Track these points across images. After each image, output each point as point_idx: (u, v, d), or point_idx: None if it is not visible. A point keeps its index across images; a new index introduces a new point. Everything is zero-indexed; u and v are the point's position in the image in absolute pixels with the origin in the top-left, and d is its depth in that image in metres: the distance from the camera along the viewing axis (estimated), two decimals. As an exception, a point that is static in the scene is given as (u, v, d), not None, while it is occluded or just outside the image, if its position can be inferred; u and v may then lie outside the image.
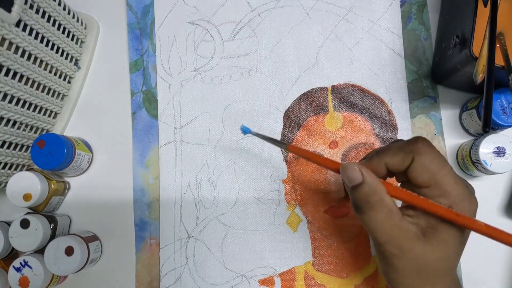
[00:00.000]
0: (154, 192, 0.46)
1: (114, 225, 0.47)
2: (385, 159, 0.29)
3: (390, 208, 0.27)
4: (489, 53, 0.32)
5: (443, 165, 0.27)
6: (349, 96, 0.46)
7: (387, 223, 0.27)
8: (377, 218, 0.27)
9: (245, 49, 0.48)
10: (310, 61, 0.47)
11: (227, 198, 0.45)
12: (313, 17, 0.47)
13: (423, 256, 0.27)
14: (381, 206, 0.27)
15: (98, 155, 0.49)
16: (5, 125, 0.41)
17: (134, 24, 0.50)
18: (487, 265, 0.43)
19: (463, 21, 0.38)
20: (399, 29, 0.46)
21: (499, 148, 0.40)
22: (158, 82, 0.48)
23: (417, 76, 0.45)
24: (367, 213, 0.28)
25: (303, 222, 0.44)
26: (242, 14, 0.48)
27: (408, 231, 0.27)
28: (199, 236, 0.45)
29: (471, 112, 0.42)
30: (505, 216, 0.43)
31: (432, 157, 0.27)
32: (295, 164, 0.45)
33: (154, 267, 0.45)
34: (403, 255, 0.27)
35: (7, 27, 0.36)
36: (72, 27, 0.47)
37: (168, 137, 0.47)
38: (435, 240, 0.27)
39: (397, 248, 0.27)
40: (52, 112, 0.48)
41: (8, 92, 0.39)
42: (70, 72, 0.49)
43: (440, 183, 0.27)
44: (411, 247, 0.27)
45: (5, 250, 0.43)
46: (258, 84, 0.47)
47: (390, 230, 0.27)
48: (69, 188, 0.48)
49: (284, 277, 0.44)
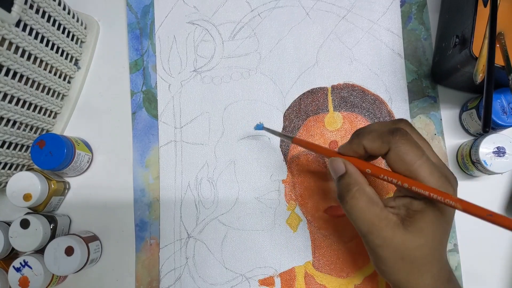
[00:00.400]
0: (154, 192, 0.46)
1: (114, 225, 0.47)
2: (363, 143, 0.30)
3: (370, 197, 0.29)
4: (489, 53, 0.32)
5: (419, 156, 0.28)
6: (349, 96, 0.46)
7: (368, 212, 0.28)
8: (358, 207, 0.29)
9: (245, 49, 0.48)
10: (310, 61, 0.47)
11: (227, 198, 0.45)
12: (313, 17, 0.47)
13: (404, 245, 0.28)
14: (362, 195, 0.29)
15: (98, 155, 0.49)
16: (5, 125, 0.41)
17: (134, 24, 0.50)
18: (486, 264, 0.43)
19: (463, 21, 0.38)
20: (399, 29, 0.46)
21: (499, 148, 0.40)
22: (158, 82, 0.48)
23: (417, 76, 0.45)
24: (349, 202, 0.29)
25: (303, 222, 0.44)
26: (242, 14, 0.48)
27: (388, 220, 0.28)
28: (199, 236, 0.45)
29: (471, 112, 0.42)
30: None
31: (407, 149, 0.28)
32: (295, 164, 0.45)
33: (154, 267, 0.45)
34: (386, 244, 0.28)
35: (7, 27, 0.36)
36: (72, 27, 0.47)
37: (168, 137, 0.47)
38: (414, 228, 0.28)
39: (379, 237, 0.28)
40: (52, 112, 0.48)
41: (8, 92, 0.39)
42: (70, 72, 0.49)
43: (415, 173, 0.27)
44: (392, 236, 0.28)
45: (5, 250, 0.43)
46: (258, 84, 0.47)
47: (370, 219, 0.28)
48: (69, 188, 0.48)
49: (284, 277, 0.44)
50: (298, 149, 0.45)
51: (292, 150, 0.45)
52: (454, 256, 0.42)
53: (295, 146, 0.45)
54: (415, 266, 0.28)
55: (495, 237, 0.43)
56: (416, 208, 0.28)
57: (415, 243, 0.27)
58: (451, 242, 0.42)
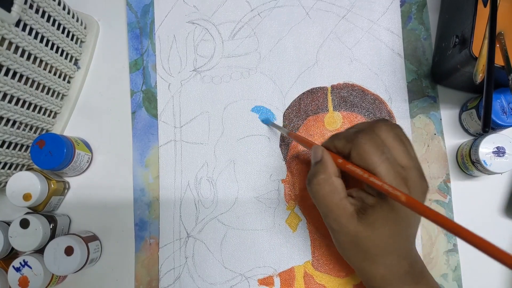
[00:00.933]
0: (154, 191, 0.46)
1: (114, 225, 0.47)
2: (335, 143, 0.32)
3: (334, 186, 0.31)
4: (489, 53, 0.32)
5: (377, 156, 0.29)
6: (349, 95, 0.46)
7: (329, 198, 0.31)
8: (319, 192, 0.31)
9: (245, 48, 0.48)
10: (310, 61, 0.47)
11: (227, 198, 0.45)
12: (313, 17, 0.47)
13: (356, 235, 0.30)
14: (326, 183, 0.31)
15: (98, 155, 0.49)
16: (5, 125, 0.41)
17: (134, 24, 0.50)
18: (486, 264, 0.43)
19: (463, 21, 0.38)
20: (399, 29, 0.46)
21: (499, 148, 0.40)
22: (158, 82, 0.48)
23: (417, 76, 0.45)
24: (313, 187, 0.31)
25: (303, 221, 0.44)
26: (242, 14, 0.48)
27: (345, 209, 0.30)
28: (198, 235, 0.45)
29: (471, 112, 0.42)
30: (505, 216, 0.43)
31: (367, 148, 0.29)
32: (295, 164, 0.45)
33: (154, 266, 0.45)
34: (341, 230, 0.31)
35: (7, 27, 0.36)
36: (72, 27, 0.47)
37: (168, 137, 0.47)
38: (365, 221, 0.30)
39: (335, 222, 0.31)
40: (52, 112, 0.48)
41: (8, 92, 0.39)
42: (70, 72, 0.49)
43: (373, 172, 0.29)
44: (347, 224, 0.30)
45: (4, 250, 0.43)
46: (257, 83, 0.47)
47: (329, 205, 0.31)
48: (69, 188, 0.48)
49: (283, 277, 0.44)
50: (297, 149, 0.45)
51: (291, 149, 0.45)
52: (454, 256, 0.42)
53: (294, 146, 0.45)
54: (368, 255, 0.31)
55: (494, 237, 0.43)
56: (369, 202, 0.30)
57: (365, 233, 0.30)
58: (451, 242, 0.42)
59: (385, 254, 0.30)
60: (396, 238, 0.30)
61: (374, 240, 0.30)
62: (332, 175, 0.31)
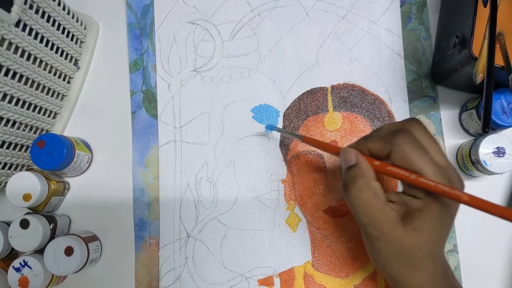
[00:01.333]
0: (154, 191, 0.46)
1: (114, 225, 0.47)
2: (368, 145, 0.31)
3: (375, 191, 0.29)
4: (489, 53, 0.32)
5: (421, 156, 0.28)
6: (349, 96, 0.46)
7: (370, 205, 0.29)
8: (361, 199, 0.29)
9: (245, 49, 0.48)
10: (310, 61, 0.47)
11: (227, 198, 0.45)
12: (313, 17, 0.47)
13: (401, 241, 0.28)
14: (367, 188, 0.29)
15: (98, 155, 0.49)
16: (5, 125, 0.41)
17: (134, 24, 0.50)
18: (486, 264, 0.43)
19: (463, 21, 0.38)
20: (399, 29, 0.46)
21: (499, 148, 0.40)
22: (157, 82, 0.48)
23: (417, 76, 0.45)
24: (353, 193, 0.29)
25: (303, 222, 0.44)
26: (242, 14, 0.48)
27: (388, 215, 0.28)
28: (198, 235, 0.45)
29: (471, 112, 0.42)
30: (505, 216, 0.43)
31: (410, 149, 0.28)
32: (295, 164, 0.45)
33: (154, 266, 0.45)
34: (383, 238, 0.29)
35: (7, 27, 0.36)
36: (71, 27, 0.47)
37: (167, 137, 0.47)
38: (412, 226, 0.28)
39: (377, 230, 0.29)
40: (52, 112, 0.48)
41: (8, 92, 0.39)
42: (70, 72, 0.49)
43: (418, 173, 0.28)
44: (390, 231, 0.28)
45: (4, 250, 0.43)
46: (257, 84, 0.47)
47: (372, 212, 0.29)
48: (69, 188, 0.48)
49: (283, 277, 0.44)
50: (297, 149, 0.45)
51: (291, 150, 0.45)
52: (454, 256, 0.42)
53: (294, 146, 0.45)
54: (410, 262, 0.29)
55: (494, 237, 0.43)
56: (416, 206, 0.28)
57: (411, 240, 0.28)
58: (451, 242, 0.42)
59: (427, 260, 0.29)
60: (441, 240, 0.29)
61: (419, 247, 0.28)
62: (372, 179, 0.29)
